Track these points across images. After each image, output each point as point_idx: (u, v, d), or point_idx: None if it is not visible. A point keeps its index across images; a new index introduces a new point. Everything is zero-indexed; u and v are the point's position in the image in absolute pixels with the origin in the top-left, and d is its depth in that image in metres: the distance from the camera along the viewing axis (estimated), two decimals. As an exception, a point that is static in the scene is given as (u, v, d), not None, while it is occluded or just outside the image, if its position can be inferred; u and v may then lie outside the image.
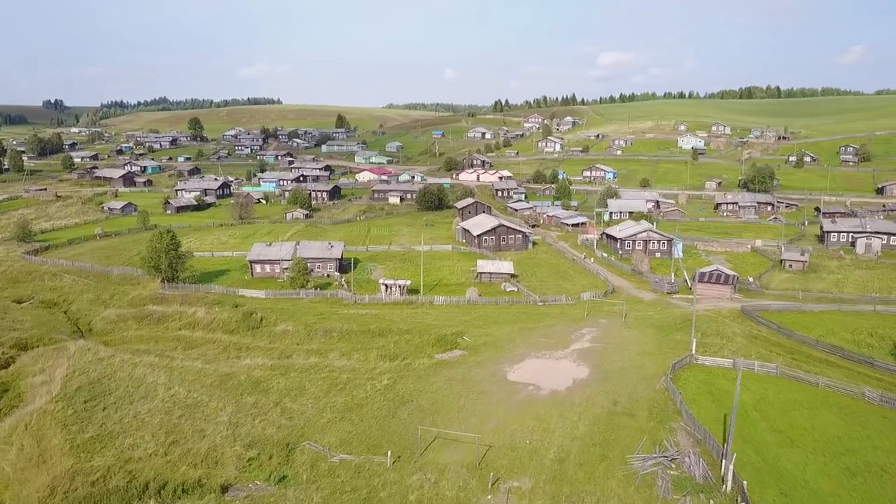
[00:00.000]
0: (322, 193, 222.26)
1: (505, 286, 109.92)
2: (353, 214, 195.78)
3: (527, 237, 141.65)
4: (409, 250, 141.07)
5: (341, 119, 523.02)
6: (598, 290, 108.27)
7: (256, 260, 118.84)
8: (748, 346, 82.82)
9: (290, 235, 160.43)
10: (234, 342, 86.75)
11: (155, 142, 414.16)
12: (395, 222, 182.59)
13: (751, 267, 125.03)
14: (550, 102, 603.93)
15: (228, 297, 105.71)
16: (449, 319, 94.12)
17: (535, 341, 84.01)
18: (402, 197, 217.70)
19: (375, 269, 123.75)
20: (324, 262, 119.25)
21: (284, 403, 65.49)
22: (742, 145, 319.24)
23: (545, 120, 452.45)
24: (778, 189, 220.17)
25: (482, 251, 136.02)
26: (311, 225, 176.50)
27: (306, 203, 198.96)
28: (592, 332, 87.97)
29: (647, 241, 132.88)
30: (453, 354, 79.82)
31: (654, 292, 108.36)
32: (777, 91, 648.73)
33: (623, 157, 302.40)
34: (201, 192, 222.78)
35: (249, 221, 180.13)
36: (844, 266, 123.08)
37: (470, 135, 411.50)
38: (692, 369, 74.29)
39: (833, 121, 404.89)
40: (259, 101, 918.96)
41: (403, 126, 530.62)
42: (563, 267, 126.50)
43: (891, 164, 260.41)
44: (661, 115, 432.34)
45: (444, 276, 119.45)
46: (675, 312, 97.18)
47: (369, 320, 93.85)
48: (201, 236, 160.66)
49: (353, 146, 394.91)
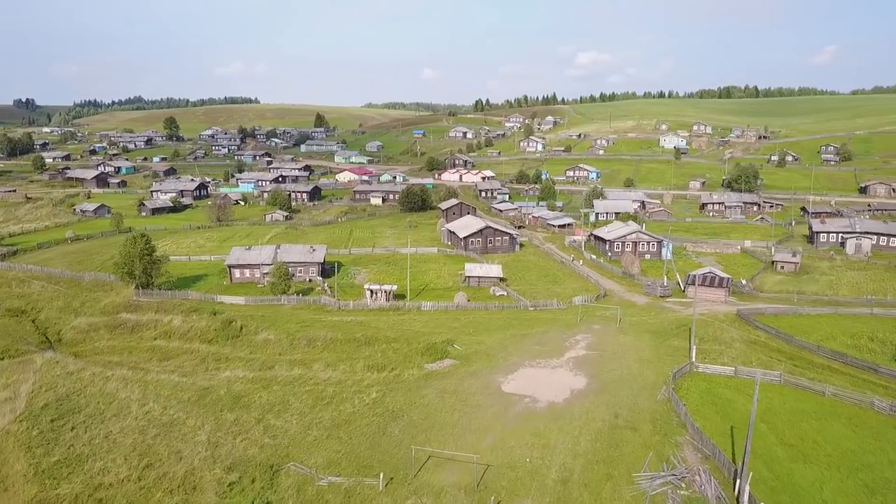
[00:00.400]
0: (302, 194, 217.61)
1: (494, 290, 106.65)
2: (335, 216, 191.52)
3: (514, 239, 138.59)
4: (394, 253, 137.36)
5: (320, 118, 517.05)
6: (589, 293, 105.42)
7: (235, 264, 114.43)
8: (748, 352, 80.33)
9: (270, 238, 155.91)
10: (213, 352, 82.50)
11: (129, 142, 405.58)
12: (377, 224, 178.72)
13: (742, 268, 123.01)
14: (531, 102, 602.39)
15: (206, 303, 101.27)
16: (438, 326, 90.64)
17: (528, 349, 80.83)
18: (385, 198, 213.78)
19: (359, 273, 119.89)
20: (305, 266, 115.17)
21: (267, 420, 61.57)
22: (723, 144, 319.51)
23: (526, 119, 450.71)
24: (762, 188, 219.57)
25: (469, 254, 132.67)
26: (291, 227, 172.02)
27: (286, 204, 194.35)
28: (587, 338, 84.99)
29: (637, 243, 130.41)
30: (444, 364, 76.32)
31: (647, 296, 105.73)
32: (755, 91, 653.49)
33: (606, 157, 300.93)
34: (177, 193, 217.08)
35: (227, 224, 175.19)
36: (836, 267, 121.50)
37: (451, 134, 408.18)
38: (693, 378, 71.54)
39: (812, 120, 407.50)
40: (236, 100, 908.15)
41: (383, 125, 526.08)
42: (551, 270, 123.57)
43: (871, 163, 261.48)
44: (642, 115, 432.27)
45: (430, 280, 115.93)
46: (670, 317, 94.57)
47: (355, 328, 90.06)
48: (177, 239, 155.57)
49: (333, 146, 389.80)
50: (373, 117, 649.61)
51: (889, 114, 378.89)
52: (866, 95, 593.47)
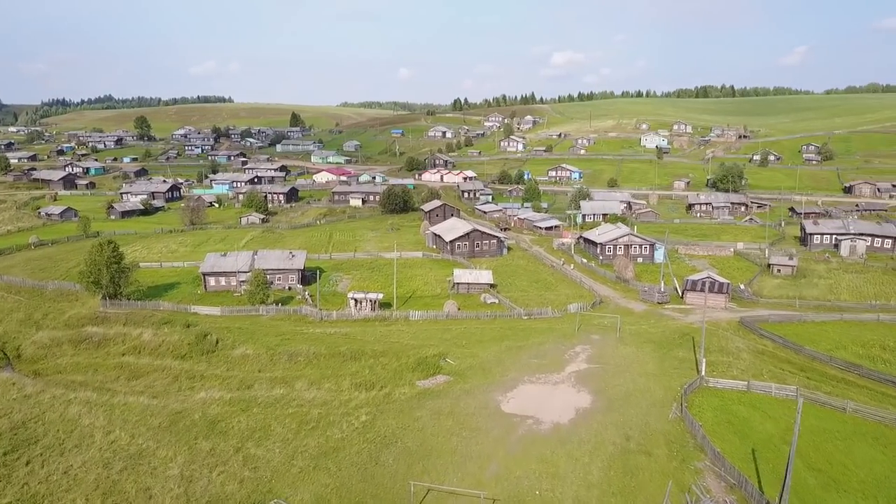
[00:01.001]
0: (279, 196, 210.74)
1: (485, 298, 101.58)
2: (313, 218, 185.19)
3: (501, 242, 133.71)
4: (377, 258, 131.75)
5: (296, 117, 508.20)
6: (584, 300, 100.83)
7: (210, 272, 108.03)
8: (757, 363, 76.20)
9: (246, 242, 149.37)
10: (186, 370, 76.36)
11: (99, 141, 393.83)
12: (358, 226, 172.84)
13: (737, 272, 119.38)
14: (509, 101, 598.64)
15: (179, 314, 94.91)
16: (428, 338, 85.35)
17: (526, 363, 75.89)
18: (365, 199, 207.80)
19: (341, 280, 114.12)
20: (284, 273, 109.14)
21: (247, 449, 55.85)
22: (705, 144, 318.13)
23: (505, 119, 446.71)
24: (746, 188, 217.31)
25: (455, 258, 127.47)
26: (268, 230, 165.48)
27: (262, 206, 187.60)
28: (587, 350, 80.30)
29: (629, 246, 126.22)
30: (437, 381, 71.08)
31: (644, 302, 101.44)
32: (732, 90, 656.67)
33: (587, 157, 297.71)
34: (148, 195, 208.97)
35: (201, 227, 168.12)
36: (832, 270, 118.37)
37: (430, 134, 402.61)
38: (704, 393, 67.12)
39: (790, 120, 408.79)
40: (209, 99, 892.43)
41: (360, 125, 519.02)
42: (542, 274, 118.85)
43: (853, 162, 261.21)
44: (622, 114, 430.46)
45: (417, 286, 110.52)
46: (671, 325, 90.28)
47: (339, 341, 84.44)
48: (148, 244, 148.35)
49: (310, 145, 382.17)
50: (349, 116, 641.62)
51: (866, 113, 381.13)
52: (840, 95, 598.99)
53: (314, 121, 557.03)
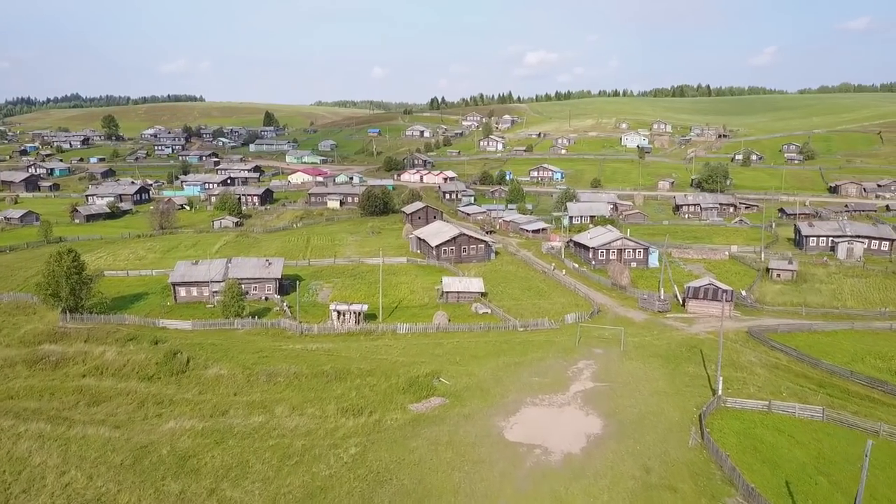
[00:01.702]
0: (253, 198, 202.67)
1: (476, 308, 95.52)
2: (289, 221, 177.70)
3: (489, 247, 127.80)
4: (358, 264, 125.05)
5: (269, 117, 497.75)
6: (580, 309, 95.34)
7: (180, 282, 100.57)
8: (773, 379, 71.21)
9: (219, 248, 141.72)
10: (154, 394, 69.14)
11: (64, 141, 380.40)
12: (336, 230, 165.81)
13: (735, 277, 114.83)
14: (487, 100, 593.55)
15: (146, 329, 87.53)
16: (418, 354, 79.11)
17: (526, 382, 70.06)
18: (343, 200, 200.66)
19: (322, 289, 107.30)
20: (261, 282, 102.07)
21: (222, 491, 49.31)
22: (685, 143, 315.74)
23: (484, 118, 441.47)
24: (731, 188, 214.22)
25: (442, 264, 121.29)
26: (242, 234, 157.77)
27: (236, 209, 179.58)
28: (590, 366, 74.71)
29: (622, 250, 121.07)
30: (431, 404, 64.90)
31: (643, 311, 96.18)
32: (708, 90, 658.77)
33: (568, 157, 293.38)
34: (115, 197, 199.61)
35: (171, 231, 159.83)
36: (832, 274, 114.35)
37: (408, 133, 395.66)
38: (723, 415, 61.83)
39: (767, 119, 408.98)
40: (180, 98, 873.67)
41: (336, 124, 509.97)
42: (533, 281, 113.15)
43: (835, 162, 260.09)
44: (601, 113, 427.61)
45: (402, 295, 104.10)
46: (676, 337, 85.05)
47: (321, 358, 77.82)
48: (115, 250, 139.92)
49: (284, 145, 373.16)
50: (324, 115, 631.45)
51: (843, 113, 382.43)
52: (814, 95, 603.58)
53: (288, 120, 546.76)
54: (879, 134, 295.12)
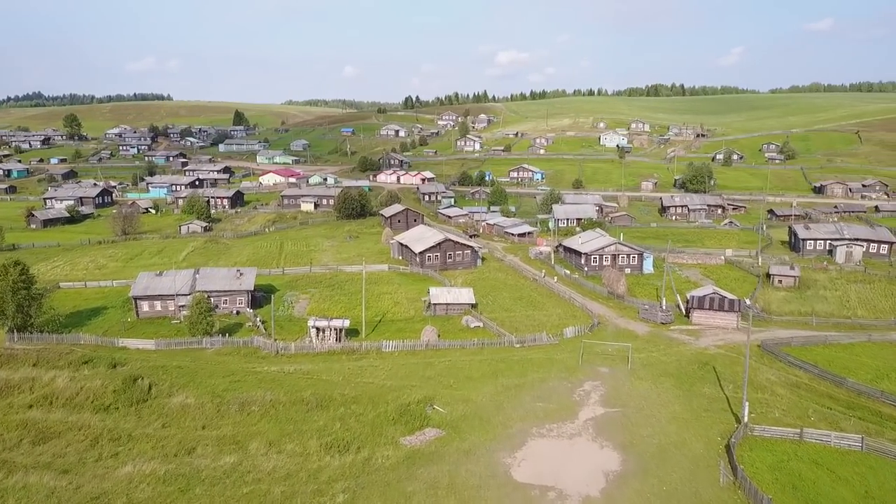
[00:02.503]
0: (222, 200, 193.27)
1: (467, 321, 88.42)
2: (261, 225, 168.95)
3: (475, 253, 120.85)
4: (337, 272, 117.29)
5: (239, 116, 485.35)
6: (578, 322, 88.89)
7: (143, 295, 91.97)
8: (796, 401, 65.29)
9: (187, 255, 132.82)
10: (110, 428, 60.92)
11: (24, 141, 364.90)
12: (311, 234, 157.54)
13: (734, 283, 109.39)
14: (462, 99, 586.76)
15: (104, 350, 79.09)
16: (407, 376, 71.87)
17: (530, 408, 63.24)
18: (317, 203, 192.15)
19: (298, 301, 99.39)
20: (232, 295, 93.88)
21: (187, 557, 41.55)
22: (664, 143, 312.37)
23: (459, 117, 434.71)
24: (715, 189, 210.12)
25: (426, 272, 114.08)
26: (211, 240, 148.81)
27: (204, 212, 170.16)
28: (597, 387, 68.16)
29: (616, 256, 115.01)
30: (426, 436, 57.75)
31: (645, 322, 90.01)
32: (682, 89, 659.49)
33: (547, 157, 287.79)
34: (76, 200, 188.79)
35: (135, 237, 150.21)
36: (834, 280, 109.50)
37: (382, 132, 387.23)
38: (751, 445, 55.61)
39: (744, 118, 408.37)
40: (147, 96, 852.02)
41: (308, 123, 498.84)
42: (525, 290, 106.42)
43: (815, 161, 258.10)
44: (578, 113, 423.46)
45: (386, 307, 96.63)
46: (684, 352, 78.91)
47: (300, 382, 70.20)
48: (73, 258, 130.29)
49: (255, 145, 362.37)
50: (295, 115, 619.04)
51: (818, 112, 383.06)
52: (787, 94, 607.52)
53: (258, 119, 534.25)
54: (857, 133, 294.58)
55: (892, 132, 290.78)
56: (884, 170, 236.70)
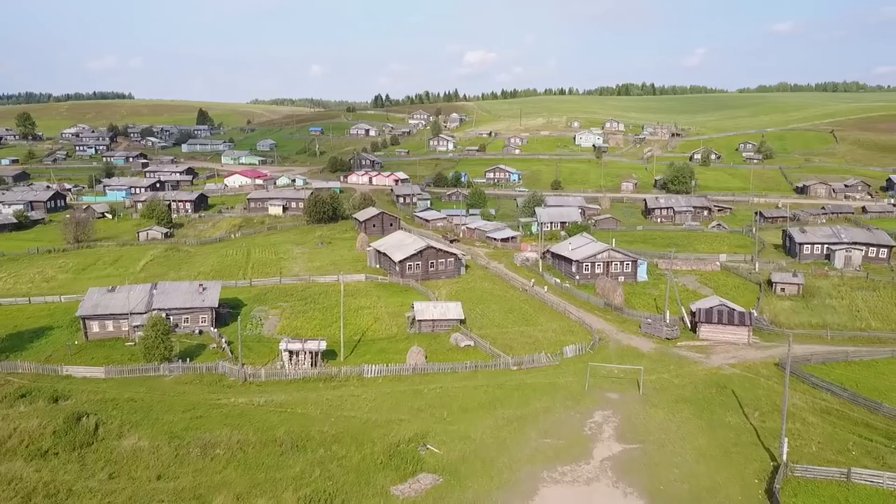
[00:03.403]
0: (185, 204, 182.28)
1: (456, 340, 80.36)
2: (226, 230, 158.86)
3: (459, 260, 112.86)
4: (309, 283, 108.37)
5: (203, 115, 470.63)
6: (577, 338, 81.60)
7: (93, 315, 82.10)
8: (831, 431, 58.54)
9: (145, 265, 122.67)
10: (46, 481, 51.52)
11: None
12: (280, 240, 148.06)
13: (734, 291, 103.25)
14: (433, 98, 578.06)
15: (45, 380, 69.47)
16: (394, 407, 63.57)
17: (537, 446, 55.50)
18: (286, 206, 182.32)
19: (267, 318, 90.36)
20: (194, 313, 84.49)
21: None
22: (640, 142, 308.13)
23: (431, 116, 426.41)
24: (696, 189, 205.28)
25: (407, 282, 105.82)
26: (172, 247, 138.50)
27: (165, 217, 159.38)
28: (609, 418, 60.71)
29: (609, 263, 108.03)
30: (421, 485, 49.67)
31: (648, 338, 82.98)
32: (652, 88, 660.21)
33: (523, 157, 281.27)
34: (25, 205, 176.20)
35: (89, 245, 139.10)
36: (837, 287, 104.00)
37: (352, 132, 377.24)
38: (794, 489, 48.65)
39: (716, 117, 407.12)
40: (107, 95, 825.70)
41: (274, 122, 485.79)
42: (514, 301, 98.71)
43: (793, 161, 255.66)
44: (551, 112, 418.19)
45: (365, 324, 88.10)
46: (697, 373, 71.90)
47: (272, 417, 61.48)
48: (18, 269, 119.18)
49: (219, 145, 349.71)
50: (261, 114, 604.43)
51: (790, 111, 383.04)
52: (756, 94, 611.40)
53: (224, 118, 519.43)
54: (832, 133, 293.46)
55: (867, 132, 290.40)
56: (862, 169, 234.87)
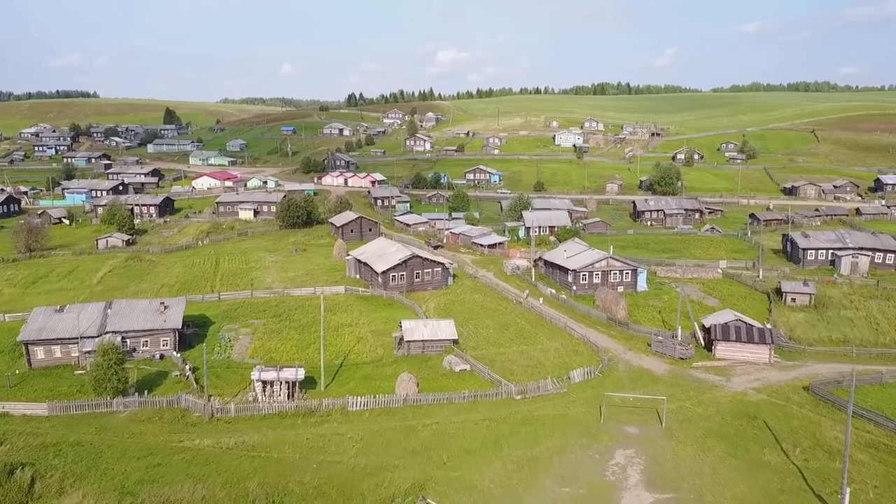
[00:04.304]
0: (149, 208, 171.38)
1: (450, 363, 72.12)
2: (194, 237, 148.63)
3: (447, 270, 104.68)
4: (284, 296, 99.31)
5: (171, 114, 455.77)
6: (581, 358, 74.03)
7: (37, 339, 72.35)
8: (883, 470, 51.68)
9: (103, 276, 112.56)
10: (-35, 557, 42.46)
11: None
12: (251, 247, 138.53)
13: (740, 301, 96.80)
14: (408, 97, 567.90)
15: (-23, 419, 59.74)
16: (384, 448, 55.16)
17: (555, 497, 47.65)
18: (257, 210, 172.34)
19: (237, 338, 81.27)
20: (154, 335, 75.12)
21: None
22: (621, 142, 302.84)
23: (406, 115, 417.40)
24: (683, 190, 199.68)
25: (390, 294, 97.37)
26: (134, 256, 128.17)
27: (127, 223, 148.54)
28: (633, 459, 53.06)
29: (608, 273, 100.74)
30: (424, 555, 41.41)
31: (659, 357, 75.72)
32: (628, 87, 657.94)
33: (502, 157, 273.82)
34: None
35: (42, 254, 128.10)
36: (849, 296, 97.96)
37: (326, 131, 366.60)
38: (863, 553, 41.36)
39: (694, 117, 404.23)
40: (71, 94, 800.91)
41: (245, 122, 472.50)
42: (509, 315, 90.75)
43: (777, 161, 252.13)
44: (528, 111, 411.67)
45: (347, 345, 79.43)
46: (721, 400, 64.61)
47: (243, 464, 52.74)
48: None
49: (188, 145, 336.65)
50: (231, 113, 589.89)
51: (768, 111, 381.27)
52: (729, 93, 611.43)
53: (192, 118, 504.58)
54: (814, 132, 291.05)
55: (847, 131, 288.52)
56: (847, 170, 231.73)
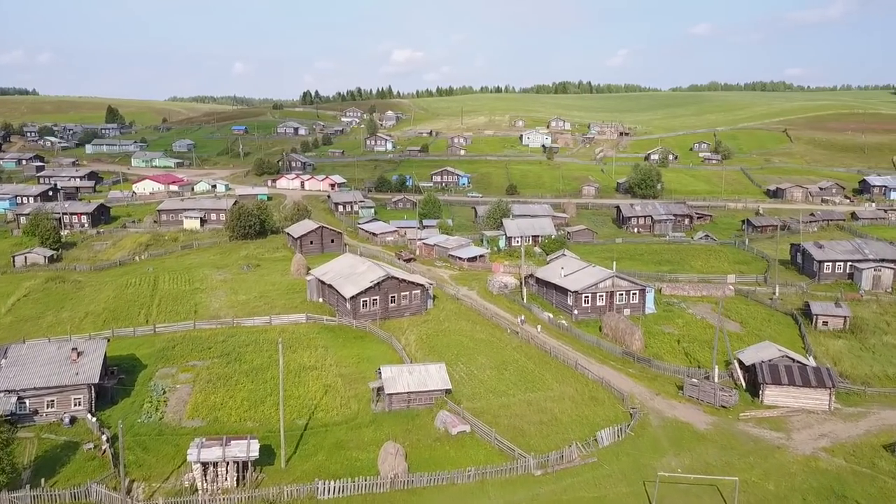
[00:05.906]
0: (80, 217, 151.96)
1: (444, 421, 57.25)
2: (130, 251, 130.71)
3: (427, 292, 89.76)
4: (233, 327, 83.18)
5: (113, 112, 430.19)
6: (604, 409, 60.31)
7: None
8: None
9: (14, 304, 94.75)
10: None
11: None
12: (197, 262, 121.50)
13: (762, 325, 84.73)
14: (366, 95, 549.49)
15: None
16: (371, 566, 40.13)
17: None
18: (204, 218, 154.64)
19: (174, 389, 65.04)
20: (62, 393, 58.44)
21: None
22: (590, 142, 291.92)
23: (365, 114, 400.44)
24: (663, 193, 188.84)
25: (360, 324, 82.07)
26: (56, 276, 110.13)
27: (52, 235, 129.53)
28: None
29: (613, 294, 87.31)
30: None
31: (695, 404, 62.40)
32: (589, 86, 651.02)
33: (469, 158, 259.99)
34: None
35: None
36: (882, 315, 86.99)
37: (280, 130, 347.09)
38: None
39: (660, 116, 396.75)
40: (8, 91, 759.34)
41: (193, 121, 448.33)
42: (505, 349, 76.27)
43: (754, 161, 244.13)
44: (492, 111, 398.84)
45: (312, 396, 63.82)
46: (789, 468, 51.35)
47: None
48: None
49: (130, 145, 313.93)
50: (179, 112, 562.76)
51: (736, 110, 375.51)
52: (689, 92, 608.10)
53: (137, 116, 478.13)
54: (786, 132, 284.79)
55: (818, 131, 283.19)
56: (825, 170, 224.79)
